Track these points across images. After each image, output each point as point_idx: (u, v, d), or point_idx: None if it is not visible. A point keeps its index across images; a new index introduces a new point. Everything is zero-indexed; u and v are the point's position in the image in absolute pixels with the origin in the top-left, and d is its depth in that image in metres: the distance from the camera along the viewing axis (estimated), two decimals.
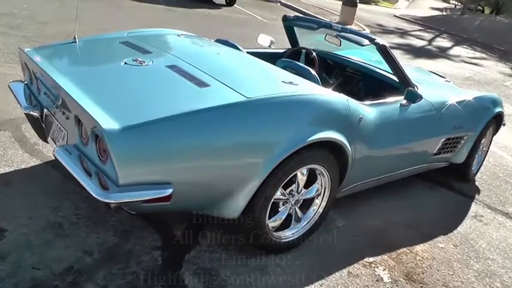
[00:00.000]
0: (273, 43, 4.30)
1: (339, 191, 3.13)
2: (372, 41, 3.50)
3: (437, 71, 8.94)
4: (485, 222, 3.93)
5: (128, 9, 10.77)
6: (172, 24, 8.58)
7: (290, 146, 2.51)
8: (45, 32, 7.18)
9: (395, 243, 3.30)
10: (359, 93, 4.01)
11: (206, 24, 10.70)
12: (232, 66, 3.16)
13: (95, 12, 9.34)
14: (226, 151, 2.36)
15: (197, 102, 2.39)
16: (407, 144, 3.62)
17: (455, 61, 13.04)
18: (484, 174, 4.99)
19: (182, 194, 2.30)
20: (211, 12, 12.64)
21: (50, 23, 7.82)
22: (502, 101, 4.78)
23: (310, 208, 2.99)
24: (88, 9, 9.08)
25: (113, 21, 8.87)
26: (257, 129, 2.45)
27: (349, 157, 2.93)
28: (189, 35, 3.95)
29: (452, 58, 13.49)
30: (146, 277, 2.52)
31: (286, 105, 2.58)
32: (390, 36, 15.38)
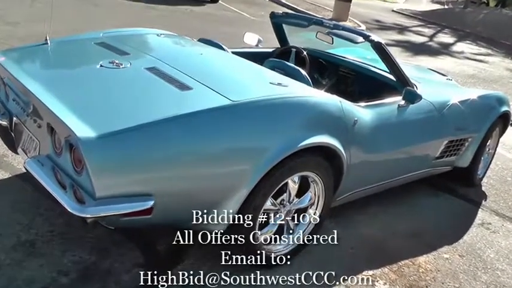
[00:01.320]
0: (260, 42, 4.33)
1: (334, 199, 3.15)
2: (367, 38, 3.54)
3: (439, 69, 9.00)
4: (493, 230, 3.97)
5: (105, 7, 10.78)
6: (153, 23, 8.57)
7: (280, 152, 2.53)
8: (15, 33, 7.18)
9: (396, 255, 3.32)
10: (354, 94, 4.05)
11: (189, 22, 10.73)
12: (217, 68, 3.18)
13: (70, 11, 9.33)
14: (211, 159, 2.37)
15: (179, 106, 2.40)
16: (406, 148, 3.65)
17: (459, 58, 13.16)
18: (491, 179, 5.03)
19: (165, 207, 2.31)
20: (194, 10, 12.68)
21: (21, 24, 7.81)
22: (508, 99, 4.83)
23: (303, 218, 3.00)
24: (62, 8, 9.05)
25: (89, 21, 8.87)
26: (244, 134, 2.47)
27: (344, 163, 2.95)
28: (169, 34, 3.97)
29: (455, 55, 13.61)
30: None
31: (274, 108, 2.60)
32: (388, 32, 15.49)
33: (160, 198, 2.25)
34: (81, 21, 8.72)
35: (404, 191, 4.12)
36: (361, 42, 3.54)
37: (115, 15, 9.92)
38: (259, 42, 4.33)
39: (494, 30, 19.88)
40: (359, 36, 3.57)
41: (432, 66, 9.86)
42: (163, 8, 12.00)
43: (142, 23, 8.15)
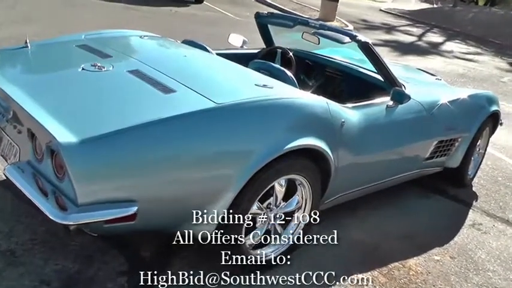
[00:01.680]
0: (245, 43, 4.35)
1: (322, 202, 3.17)
2: (353, 38, 3.57)
3: (428, 69, 9.07)
4: (484, 231, 4.01)
5: (85, 9, 10.74)
6: (135, 25, 8.56)
7: (266, 155, 2.54)
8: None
9: (386, 258, 3.34)
10: (341, 95, 4.07)
11: (172, 23, 10.73)
12: (200, 70, 3.19)
13: (50, 13, 9.30)
14: (196, 163, 2.38)
15: (162, 110, 2.41)
16: (396, 149, 3.68)
17: (448, 57, 13.29)
18: (481, 179, 5.09)
19: (149, 212, 2.31)
20: (178, 11, 12.68)
21: (3, 25, 7.76)
22: (497, 98, 4.89)
23: (290, 222, 3.02)
24: (42, 9, 9.05)
25: (70, 22, 8.83)
26: (229, 137, 2.48)
27: (332, 165, 2.97)
28: (152, 36, 3.97)
29: (444, 54, 13.74)
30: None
31: (260, 110, 2.62)
32: (376, 32, 15.60)
33: (144, 204, 2.25)
34: (61, 23, 8.68)
35: (394, 193, 4.14)
36: (348, 42, 3.56)
37: (96, 17, 9.89)
38: (244, 43, 4.35)
39: (484, 29, 20.10)
40: (345, 36, 3.59)
41: (421, 66, 9.91)
42: (146, 9, 11.98)
43: (125, 25, 8.15)
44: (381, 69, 3.72)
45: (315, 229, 3.11)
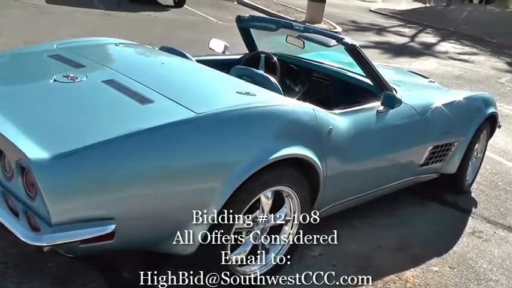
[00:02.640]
0: (227, 48, 4.36)
1: (312, 214, 3.17)
2: (340, 41, 3.59)
3: (422, 71, 9.15)
4: (485, 239, 4.04)
5: (59, 16, 10.72)
6: (112, 32, 8.58)
7: (250, 166, 2.55)
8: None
9: (381, 270, 3.35)
10: (329, 101, 4.08)
11: (152, 29, 10.73)
12: (179, 78, 3.21)
13: (20, 21, 9.28)
14: (176, 176, 2.38)
15: (139, 121, 2.41)
16: (387, 156, 3.71)
17: (442, 58, 13.39)
18: (480, 184, 5.13)
19: (128, 230, 2.31)
20: (157, 16, 12.69)
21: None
22: (494, 100, 4.93)
23: (279, 236, 3.02)
24: (11, 17, 9.01)
25: (41, 31, 8.82)
26: (210, 149, 2.48)
27: (321, 175, 2.98)
28: (128, 43, 3.98)
29: (438, 55, 13.85)
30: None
31: (242, 119, 2.64)
32: (366, 33, 15.70)
33: (122, 222, 2.25)
34: (33, 31, 8.66)
35: (388, 202, 4.16)
36: (334, 45, 3.59)
37: (70, 25, 9.87)
38: (226, 48, 4.37)
39: (479, 28, 20.30)
40: (331, 39, 3.62)
41: (414, 68, 10.04)
42: (124, 15, 11.99)
43: (101, 32, 8.13)
44: (370, 72, 3.74)
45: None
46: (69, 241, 2.16)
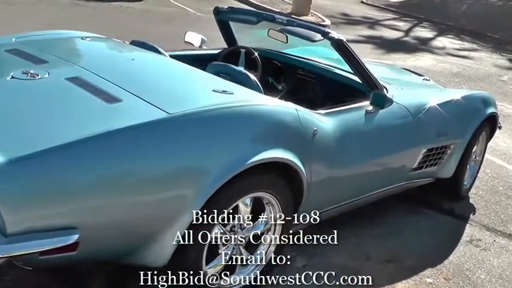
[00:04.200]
0: (204, 42, 4.36)
1: (294, 222, 3.18)
2: (325, 35, 3.60)
3: (417, 68, 9.23)
4: (483, 248, 4.07)
5: (22, 7, 10.64)
6: (79, 24, 8.52)
7: (227, 172, 2.55)
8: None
9: (369, 284, 3.33)
10: (314, 100, 4.10)
11: (124, 21, 10.69)
12: (151, 75, 3.21)
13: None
14: (145, 183, 2.38)
15: (105, 122, 2.41)
16: (377, 159, 3.73)
17: (440, 54, 13.48)
18: (479, 189, 5.17)
19: (92, 241, 2.30)
20: (131, 6, 12.63)
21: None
22: (494, 99, 4.98)
23: (259, 247, 3.02)
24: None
25: (3, 23, 8.74)
26: (183, 152, 2.49)
27: (304, 180, 2.99)
28: (96, 37, 3.97)
29: (435, 51, 13.92)
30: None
31: (218, 120, 2.64)
32: (357, 27, 15.75)
33: (86, 231, 2.24)
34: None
35: (379, 209, 4.19)
36: (319, 40, 3.60)
37: (34, 15, 9.79)
38: (203, 42, 4.37)
39: (480, 22, 20.41)
40: (317, 33, 3.63)
41: (409, 65, 10.10)
42: (94, 4, 11.93)
43: (67, 24, 8.08)
44: (358, 69, 3.75)
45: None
46: (27, 252, 2.14)
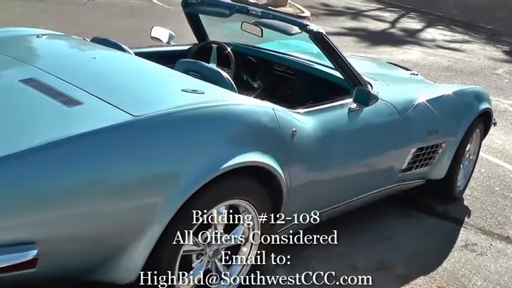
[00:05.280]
0: (172, 38, 4.36)
1: (275, 231, 3.19)
2: (303, 28, 3.61)
3: (405, 62, 9.31)
4: (479, 252, 4.11)
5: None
6: (35, 20, 8.47)
7: (198, 178, 2.55)
8: None
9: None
10: (293, 98, 4.12)
11: (84, 17, 10.57)
12: (114, 75, 3.21)
13: None
14: (109, 192, 2.37)
15: (64, 127, 2.40)
16: (363, 161, 3.76)
17: (429, 47, 13.59)
18: (474, 190, 5.24)
19: (53, 256, 2.29)
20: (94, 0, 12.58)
21: None
22: (488, 94, 5.05)
23: (236, 259, 3.03)
24: None
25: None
26: (151, 158, 2.48)
27: (284, 185, 2.99)
28: (53, 34, 3.95)
29: (424, 43, 14.04)
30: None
31: (188, 122, 2.64)
32: (339, 19, 15.82)
33: (46, 246, 2.23)
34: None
35: (365, 214, 4.21)
36: (297, 33, 3.61)
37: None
38: (171, 38, 4.36)
39: (472, 13, 20.59)
40: (294, 25, 3.64)
41: (396, 59, 10.17)
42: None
43: (21, 21, 8.03)
44: (340, 64, 3.76)
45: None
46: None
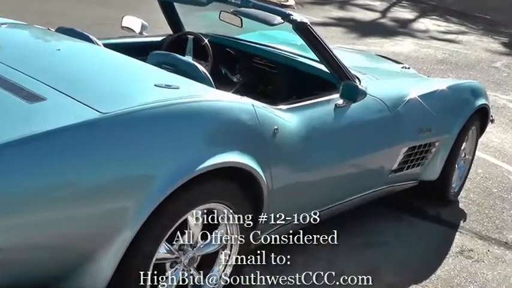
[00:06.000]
0: (145, 28, 4.36)
1: (256, 237, 3.19)
2: (286, 18, 3.60)
3: (396, 54, 9.35)
4: (476, 259, 4.12)
5: None
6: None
7: (172, 180, 2.55)
8: None
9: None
10: (275, 93, 4.13)
11: (49, 4, 10.50)
12: (80, 68, 3.18)
13: None
14: (76, 196, 2.36)
15: (26, 125, 2.39)
16: (350, 161, 3.77)
17: (422, 38, 13.63)
18: (470, 192, 5.26)
19: (15, 266, 2.29)
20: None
21: None
22: (484, 89, 5.08)
23: (213, 268, 3.03)
24: None
25: None
26: (121, 158, 2.47)
27: (264, 187, 3.00)
28: (14, 23, 3.94)
29: (417, 34, 14.08)
30: None
31: (162, 119, 2.63)
32: (325, 8, 15.83)
33: (7, 255, 2.22)
34: None
35: (354, 218, 4.22)
36: (279, 23, 3.60)
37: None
38: (144, 28, 4.36)
39: (469, 1, 20.70)
40: (276, 15, 3.62)
41: (386, 51, 10.20)
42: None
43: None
44: (325, 57, 3.76)
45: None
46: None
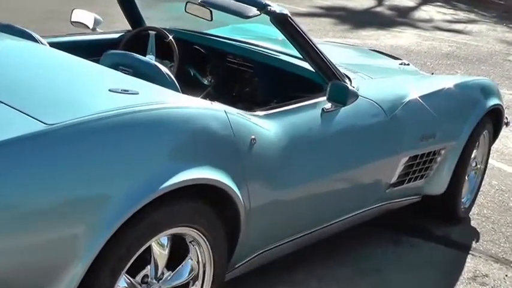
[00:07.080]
0: (98, 23, 4.35)
1: (232, 266, 3.20)
2: (263, 9, 3.57)
3: (395, 48, 9.37)
4: (491, 285, 4.13)
5: None
6: None
7: (131, 201, 2.54)
8: None
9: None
10: (252, 97, 4.13)
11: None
12: (21, 72, 3.17)
13: None
14: (16, 221, 2.34)
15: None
16: (341, 174, 3.77)
17: (425, 29, 13.71)
18: (484, 207, 5.26)
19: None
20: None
21: None
22: (497, 87, 5.07)
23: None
24: None
25: None
26: (70, 176, 2.46)
27: (241, 208, 2.99)
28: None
29: (419, 25, 14.15)
30: None
31: (118, 130, 2.63)
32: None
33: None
34: None
35: (347, 242, 4.23)
36: (255, 15, 3.59)
37: None
38: (97, 23, 4.35)
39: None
40: (251, 6, 3.60)
41: (383, 44, 10.24)
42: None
43: None
44: (309, 54, 3.75)
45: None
46: None
